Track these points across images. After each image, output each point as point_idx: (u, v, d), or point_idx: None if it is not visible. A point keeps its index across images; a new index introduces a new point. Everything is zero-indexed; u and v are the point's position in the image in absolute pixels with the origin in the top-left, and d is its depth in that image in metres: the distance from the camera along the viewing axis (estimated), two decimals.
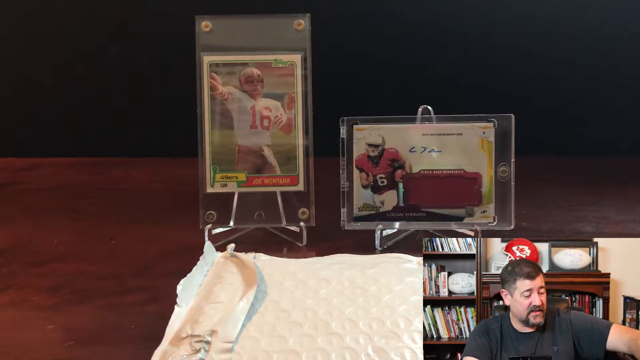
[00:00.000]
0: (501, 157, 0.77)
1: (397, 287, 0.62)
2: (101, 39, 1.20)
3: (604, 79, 1.17)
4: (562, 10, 1.14)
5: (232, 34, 0.79)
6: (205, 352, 0.54)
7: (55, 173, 1.12)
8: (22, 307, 0.67)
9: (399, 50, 1.17)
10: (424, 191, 0.78)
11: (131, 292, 0.69)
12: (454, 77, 1.17)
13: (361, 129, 0.78)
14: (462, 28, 1.15)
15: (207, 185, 0.80)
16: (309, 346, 0.55)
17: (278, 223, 0.81)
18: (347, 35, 1.17)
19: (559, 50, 1.16)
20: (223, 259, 0.69)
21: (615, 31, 1.15)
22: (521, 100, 1.13)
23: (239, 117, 0.79)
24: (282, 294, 0.62)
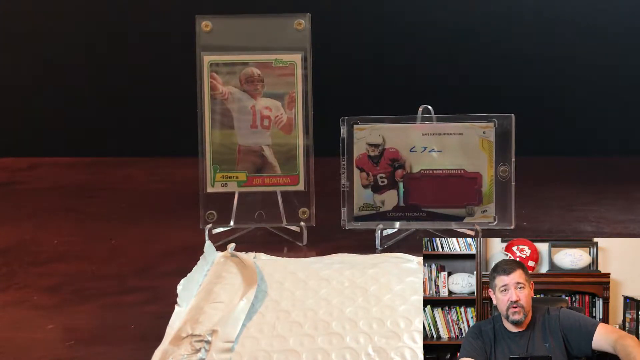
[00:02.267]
0: (501, 157, 0.77)
1: (397, 287, 0.62)
2: (101, 39, 1.20)
3: (604, 79, 1.17)
4: (562, 10, 1.14)
5: (232, 34, 0.79)
6: (206, 352, 0.54)
7: (55, 173, 1.12)
8: (22, 307, 0.67)
9: (399, 50, 1.17)
10: (424, 191, 0.78)
11: (131, 292, 0.69)
12: (454, 77, 1.17)
13: (361, 129, 0.78)
14: (462, 28, 1.15)
15: (208, 185, 0.80)
16: (309, 346, 0.55)
17: (278, 223, 0.81)
18: (347, 35, 1.17)
19: (559, 50, 1.16)
20: (223, 258, 0.69)
21: (616, 31, 1.15)
22: (521, 100, 1.13)
23: (239, 116, 0.79)
24: (282, 294, 0.62)
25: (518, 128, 0.76)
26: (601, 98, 1.18)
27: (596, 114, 1.18)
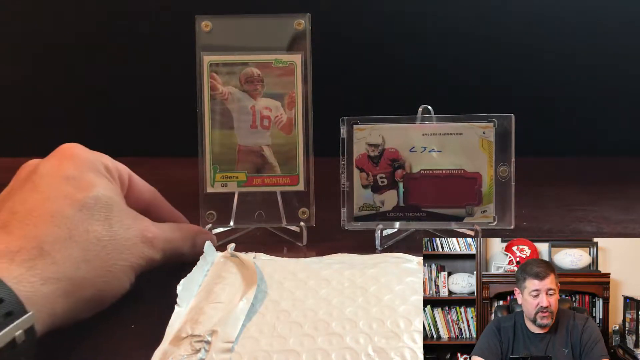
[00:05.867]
0: (501, 157, 0.77)
1: (397, 287, 0.62)
2: (101, 39, 1.20)
3: (604, 79, 1.17)
4: (563, 9, 1.14)
5: (232, 34, 0.79)
6: (206, 352, 0.54)
7: None
8: None
9: (399, 50, 1.17)
10: (424, 191, 0.78)
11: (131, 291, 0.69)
12: (454, 77, 1.17)
13: (361, 129, 0.78)
14: (462, 28, 1.16)
15: (207, 185, 0.80)
16: (309, 346, 0.55)
17: (278, 223, 0.81)
18: (347, 35, 1.17)
19: (560, 50, 1.16)
20: (223, 258, 0.69)
21: (616, 31, 1.15)
22: (521, 100, 1.13)
23: (239, 117, 0.79)
24: (282, 294, 0.62)
25: (518, 128, 0.76)
26: (601, 98, 1.18)
27: (596, 113, 1.18)
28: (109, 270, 0.61)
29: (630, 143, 1.18)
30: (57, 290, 0.55)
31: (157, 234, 0.67)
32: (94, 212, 0.61)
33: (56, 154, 0.67)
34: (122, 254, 0.62)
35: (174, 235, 0.70)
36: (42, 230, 0.57)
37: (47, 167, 0.64)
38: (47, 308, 0.54)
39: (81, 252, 0.58)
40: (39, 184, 0.61)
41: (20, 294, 0.52)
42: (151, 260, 0.66)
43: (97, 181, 0.64)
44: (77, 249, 0.58)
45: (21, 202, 0.59)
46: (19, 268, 0.54)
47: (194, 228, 0.74)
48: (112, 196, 0.63)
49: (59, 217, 0.58)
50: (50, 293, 0.55)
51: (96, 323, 0.60)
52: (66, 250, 0.57)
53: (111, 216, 0.62)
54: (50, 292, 0.55)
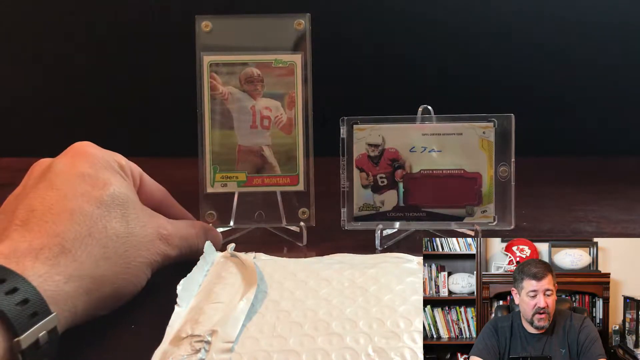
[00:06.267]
0: (501, 157, 0.77)
1: (397, 287, 0.62)
2: (101, 39, 1.20)
3: (604, 79, 1.17)
4: (563, 9, 1.14)
5: (232, 34, 0.79)
6: (206, 352, 0.54)
7: None
8: None
9: (399, 50, 1.17)
10: (424, 191, 0.78)
11: None
12: (454, 77, 1.17)
13: (361, 129, 0.78)
14: (462, 28, 1.16)
15: (207, 185, 0.80)
16: (309, 346, 0.55)
17: (278, 223, 0.81)
18: (347, 35, 1.17)
19: (560, 50, 1.16)
20: (223, 258, 0.69)
21: (616, 31, 1.15)
22: (521, 100, 1.13)
23: (239, 117, 0.79)
24: (282, 294, 0.62)
25: (518, 128, 0.76)
26: (601, 98, 1.18)
27: (596, 113, 1.18)
28: (128, 267, 0.61)
29: (630, 143, 1.19)
30: (79, 288, 0.55)
31: (173, 231, 0.67)
32: (111, 209, 0.61)
33: (69, 152, 0.66)
34: (139, 251, 0.62)
35: (189, 232, 0.70)
36: (62, 227, 0.57)
37: (61, 165, 0.63)
38: (69, 306, 0.54)
39: (101, 249, 0.58)
40: (54, 181, 0.61)
41: (45, 293, 0.52)
42: (167, 257, 0.66)
43: (113, 179, 0.64)
44: (96, 246, 0.58)
45: (39, 200, 0.59)
46: (43, 266, 0.53)
47: (205, 225, 0.74)
48: (127, 194, 0.63)
49: (77, 214, 0.58)
50: (73, 291, 0.55)
51: (96, 323, 0.60)
52: (86, 248, 0.57)
53: (127, 213, 0.62)
54: (72, 290, 0.55)
